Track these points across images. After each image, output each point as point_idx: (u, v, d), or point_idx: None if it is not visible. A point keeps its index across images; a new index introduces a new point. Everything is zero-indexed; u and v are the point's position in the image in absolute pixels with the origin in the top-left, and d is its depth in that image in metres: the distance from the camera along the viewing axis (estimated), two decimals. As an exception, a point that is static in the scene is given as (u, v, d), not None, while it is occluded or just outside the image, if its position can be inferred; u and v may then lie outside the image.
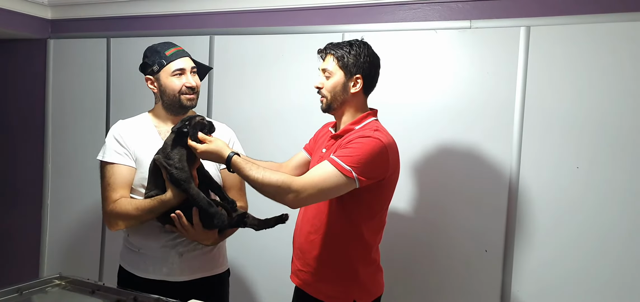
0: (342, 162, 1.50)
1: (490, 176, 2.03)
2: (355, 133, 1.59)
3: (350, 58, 1.62)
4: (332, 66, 1.65)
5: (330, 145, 1.68)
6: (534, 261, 1.98)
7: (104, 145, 1.75)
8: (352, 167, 1.49)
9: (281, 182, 1.48)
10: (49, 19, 3.00)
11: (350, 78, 1.63)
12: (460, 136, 2.07)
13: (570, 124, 1.91)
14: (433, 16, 2.15)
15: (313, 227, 1.66)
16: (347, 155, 1.51)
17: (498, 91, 2.01)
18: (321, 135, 1.83)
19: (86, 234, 2.92)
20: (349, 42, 1.66)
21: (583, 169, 1.89)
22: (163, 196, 1.61)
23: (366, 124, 1.64)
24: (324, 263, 1.65)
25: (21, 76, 3.12)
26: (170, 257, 1.72)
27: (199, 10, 2.58)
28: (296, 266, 1.73)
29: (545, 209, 1.96)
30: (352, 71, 1.63)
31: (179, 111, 1.76)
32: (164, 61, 1.73)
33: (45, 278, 1.65)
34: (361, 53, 1.63)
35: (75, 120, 2.95)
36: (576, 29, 1.90)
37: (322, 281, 1.66)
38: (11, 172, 3.19)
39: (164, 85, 1.73)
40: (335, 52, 1.65)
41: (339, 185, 1.50)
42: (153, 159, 1.64)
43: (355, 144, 1.53)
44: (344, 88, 1.64)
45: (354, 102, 1.66)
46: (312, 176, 1.51)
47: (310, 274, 1.67)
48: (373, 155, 1.52)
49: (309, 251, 1.67)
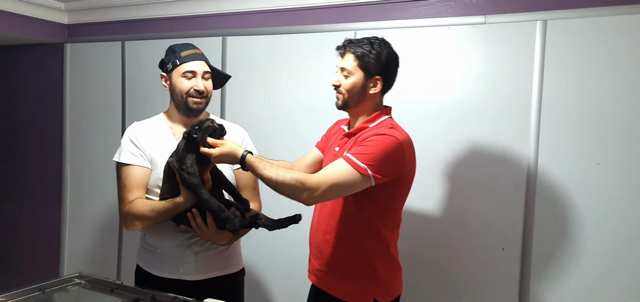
0: (357, 159, 1.49)
1: (507, 173, 2.00)
2: (369, 131, 1.58)
3: (371, 58, 1.58)
4: (351, 65, 1.60)
5: (344, 144, 1.67)
6: (553, 260, 1.95)
7: (119, 146, 1.77)
8: (367, 165, 1.48)
9: (295, 180, 1.48)
10: (66, 24, 3.05)
11: (370, 79, 1.60)
12: (476, 134, 2.05)
13: (589, 120, 1.88)
14: (446, 12, 2.13)
15: (329, 227, 1.66)
16: (362, 153, 1.50)
17: (514, 87, 1.99)
18: (333, 132, 1.82)
19: (104, 234, 2.96)
20: (369, 41, 1.60)
21: (604, 166, 1.86)
22: (177, 198, 1.63)
23: (381, 122, 1.63)
24: (343, 262, 1.64)
25: (39, 80, 3.18)
26: (185, 256, 1.73)
27: (211, 11, 2.60)
28: (314, 265, 1.73)
29: (564, 206, 1.92)
30: (372, 72, 1.59)
31: (187, 113, 1.77)
32: (178, 61, 1.74)
33: (65, 277, 1.67)
34: (382, 53, 1.59)
35: (92, 122, 2.99)
36: (595, 22, 1.87)
37: (341, 280, 1.65)
38: (31, 174, 3.25)
39: (174, 84, 1.75)
40: (355, 50, 1.60)
41: (354, 182, 1.49)
42: (167, 162, 1.66)
43: (371, 141, 1.52)
44: (363, 89, 1.61)
45: (371, 101, 1.64)
46: (326, 174, 1.51)
47: (329, 273, 1.67)
48: (388, 152, 1.51)
49: (326, 250, 1.66)
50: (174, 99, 1.77)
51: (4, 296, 1.47)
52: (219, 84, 1.90)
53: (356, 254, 1.62)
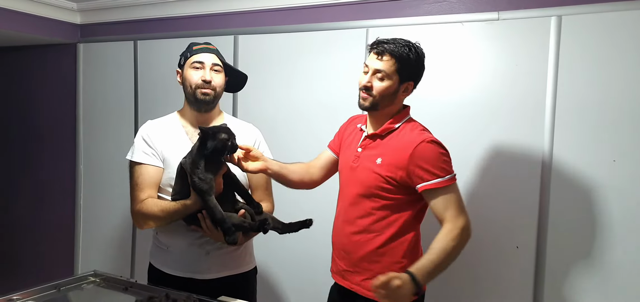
0: (445, 177, 1.52)
1: (521, 171, 1.98)
2: (401, 137, 1.59)
3: (410, 62, 1.55)
4: (389, 68, 1.55)
5: (367, 145, 1.65)
6: (568, 258, 1.92)
7: (132, 145, 1.78)
8: (450, 173, 1.53)
9: (459, 239, 1.49)
10: (78, 24, 3.08)
11: (403, 83, 1.58)
12: (489, 131, 2.03)
13: (605, 117, 1.85)
14: (459, 8, 2.11)
15: (358, 228, 1.63)
16: (436, 169, 1.52)
17: (528, 84, 1.96)
18: (349, 132, 1.79)
19: (118, 232, 2.99)
20: (407, 43, 1.56)
21: (620, 162, 1.83)
22: (185, 200, 1.63)
23: (410, 124, 1.62)
24: (374, 262, 1.61)
25: (52, 80, 3.21)
26: (197, 255, 1.74)
27: (223, 10, 2.60)
28: (340, 266, 1.70)
29: (579, 204, 1.90)
30: (407, 77, 1.57)
31: (197, 106, 1.76)
32: (189, 54, 1.77)
33: (80, 275, 1.69)
34: (420, 58, 1.57)
35: (105, 121, 3.02)
36: (610, 17, 1.84)
37: (371, 279, 1.58)
38: (45, 173, 3.28)
39: (184, 77, 1.77)
40: (395, 52, 1.54)
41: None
42: (180, 163, 1.66)
43: (427, 156, 1.52)
44: (395, 93, 1.58)
45: (398, 104, 1.63)
46: (457, 206, 1.52)
47: (358, 273, 1.64)
48: (443, 154, 1.55)
49: (355, 251, 1.64)
50: (185, 93, 1.78)
51: (20, 293, 1.49)
52: (237, 86, 1.91)
53: (389, 254, 1.61)
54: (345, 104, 2.30)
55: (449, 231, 1.50)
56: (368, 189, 1.60)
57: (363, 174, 1.62)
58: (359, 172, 1.63)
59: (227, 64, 1.83)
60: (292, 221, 1.71)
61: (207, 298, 1.50)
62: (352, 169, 1.66)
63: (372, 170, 1.59)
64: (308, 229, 1.69)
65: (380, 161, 1.59)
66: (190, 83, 1.74)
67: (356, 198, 1.63)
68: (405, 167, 1.54)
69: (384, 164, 1.58)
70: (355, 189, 1.64)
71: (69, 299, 1.57)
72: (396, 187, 1.56)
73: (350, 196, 1.65)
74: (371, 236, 1.61)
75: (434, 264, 1.46)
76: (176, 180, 1.68)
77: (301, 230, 1.71)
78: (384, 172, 1.57)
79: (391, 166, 1.56)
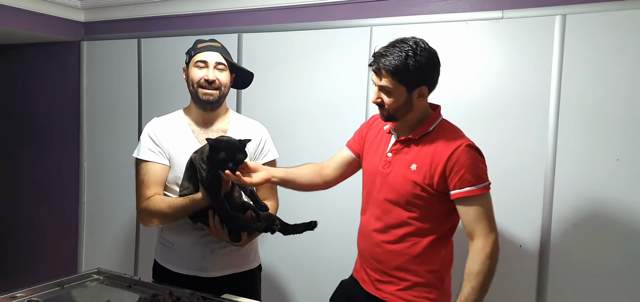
0: (479, 185, 1.46)
1: (525, 169, 1.98)
2: (436, 140, 1.52)
3: (410, 72, 1.44)
4: (391, 84, 1.46)
5: (399, 150, 1.57)
6: (572, 256, 1.92)
7: (139, 142, 1.78)
8: (485, 181, 1.48)
9: (493, 254, 1.46)
10: (82, 22, 3.08)
11: (414, 91, 1.49)
12: (493, 130, 2.03)
13: (609, 115, 1.84)
14: (463, 7, 2.10)
15: (393, 237, 1.56)
16: (473, 175, 1.46)
17: (532, 83, 1.96)
18: (374, 134, 1.69)
19: (121, 230, 2.99)
20: (403, 50, 1.44)
21: (624, 161, 1.82)
22: (195, 195, 1.63)
23: (441, 126, 1.56)
24: (411, 272, 1.55)
25: (56, 78, 3.21)
26: (202, 253, 1.74)
27: (227, 8, 2.60)
28: (371, 275, 1.62)
29: (583, 202, 1.90)
30: (415, 84, 1.47)
31: (201, 106, 1.76)
32: (193, 52, 1.76)
33: (84, 273, 1.69)
34: (421, 61, 1.44)
35: (109, 119, 3.02)
36: (615, 16, 1.83)
37: (408, 289, 1.56)
38: (49, 171, 3.29)
39: (188, 75, 1.77)
40: (389, 67, 1.44)
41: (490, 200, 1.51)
42: (190, 157, 1.66)
43: (465, 161, 1.46)
44: (408, 102, 1.50)
45: (420, 109, 1.54)
46: (488, 220, 1.47)
47: (394, 283, 1.57)
48: (481, 160, 1.51)
49: (389, 261, 1.57)
50: (189, 90, 1.78)
51: (24, 291, 1.50)
52: (244, 83, 1.90)
53: (426, 263, 1.55)
54: (349, 102, 2.30)
55: (482, 248, 1.45)
56: (402, 197, 1.52)
57: (396, 181, 1.54)
58: (391, 179, 1.55)
59: (233, 62, 1.82)
60: (297, 223, 1.71)
61: (211, 296, 1.50)
62: (383, 175, 1.58)
63: (406, 177, 1.52)
64: (312, 231, 1.69)
65: (415, 167, 1.51)
66: (193, 82, 1.74)
67: (389, 206, 1.56)
68: (441, 172, 1.47)
69: (419, 170, 1.50)
70: (387, 196, 1.56)
71: (73, 296, 1.57)
72: (432, 194, 1.50)
73: (382, 203, 1.57)
74: (407, 246, 1.54)
75: (477, 292, 1.43)
76: (185, 174, 1.68)
77: (305, 232, 1.71)
78: (420, 179, 1.50)
79: (427, 172, 1.49)
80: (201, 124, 1.79)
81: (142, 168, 1.73)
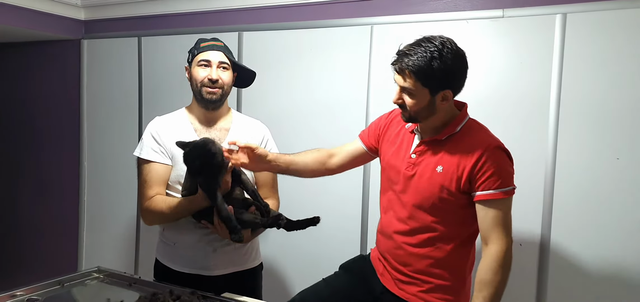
0: (503, 189, 1.42)
1: (525, 168, 1.97)
2: (464, 141, 1.47)
3: (436, 74, 1.37)
4: (413, 85, 1.40)
5: (424, 151, 1.51)
6: (572, 255, 1.92)
7: (141, 141, 1.78)
8: (511, 185, 1.44)
9: (507, 262, 1.42)
10: (82, 20, 3.08)
11: (437, 94, 1.42)
12: (493, 128, 1.99)
13: (609, 115, 1.84)
14: (464, 6, 2.10)
15: (418, 240, 1.52)
16: (499, 179, 1.41)
17: (533, 82, 1.96)
18: (395, 132, 1.62)
19: (121, 229, 2.99)
20: (428, 50, 1.37)
21: (624, 160, 1.82)
22: (193, 196, 1.64)
23: (468, 125, 1.50)
24: (436, 275, 1.52)
25: (56, 76, 3.21)
26: (203, 251, 1.74)
27: (227, 6, 2.60)
28: (394, 275, 1.58)
29: (583, 202, 1.89)
30: (439, 87, 1.40)
31: (204, 104, 1.77)
32: (196, 51, 1.77)
33: (84, 271, 1.69)
34: (447, 63, 1.37)
35: (109, 118, 3.02)
36: (616, 15, 1.83)
37: (432, 292, 1.54)
38: (49, 170, 3.29)
39: (191, 74, 1.77)
40: (413, 68, 1.37)
41: (511, 206, 1.46)
42: None
43: (493, 162, 1.41)
44: (431, 105, 1.43)
45: (444, 111, 1.47)
46: (505, 226, 1.44)
47: (417, 285, 1.54)
48: (509, 164, 1.47)
49: (414, 263, 1.53)
50: (192, 89, 1.79)
51: (24, 289, 1.50)
52: (245, 82, 1.91)
53: (452, 266, 1.53)
54: (349, 101, 2.30)
55: (496, 256, 1.41)
56: (428, 200, 1.48)
57: (422, 184, 1.49)
58: (416, 181, 1.50)
59: (235, 61, 1.82)
60: (299, 219, 1.71)
61: (211, 294, 1.50)
62: (407, 177, 1.52)
63: (432, 179, 1.47)
64: (315, 226, 1.68)
65: (441, 169, 1.46)
66: (197, 81, 1.74)
67: (413, 209, 1.51)
68: (468, 174, 1.42)
69: (446, 172, 1.45)
70: (412, 200, 1.51)
71: (73, 294, 1.58)
72: (458, 197, 1.45)
73: (406, 206, 1.53)
74: (430, 250, 1.51)
75: (490, 301, 1.41)
76: (186, 176, 1.68)
77: (308, 227, 1.71)
78: (446, 182, 1.45)
79: (454, 174, 1.44)
80: (203, 122, 1.80)
81: (145, 168, 1.73)
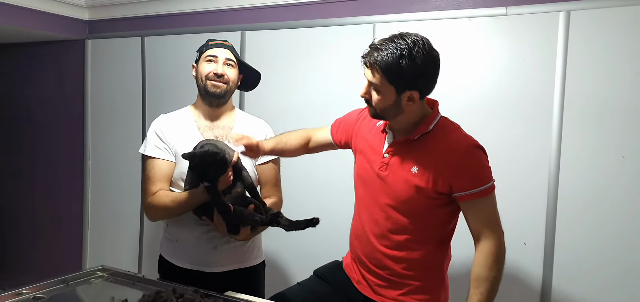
0: (485, 186, 1.40)
1: (528, 167, 1.97)
2: (437, 140, 1.44)
3: (403, 72, 1.33)
4: (379, 81, 1.37)
5: (396, 150, 1.48)
6: (576, 254, 1.91)
7: (145, 139, 1.81)
8: (491, 181, 1.42)
9: (501, 256, 1.41)
10: (87, 20, 3.09)
11: (403, 93, 1.37)
12: (496, 127, 2.02)
13: (614, 112, 1.83)
14: (467, 4, 2.10)
15: (393, 242, 1.49)
16: (479, 178, 1.40)
17: (536, 80, 1.95)
18: (367, 130, 1.59)
19: (125, 227, 3.01)
20: (399, 47, 1.32)
21: (630, 159, 1.81)
22: (195, 189, 1.66)
23: (440, 124, 1.47)
24: (413, 277, 1.51)
25: (60, 76, 3.23)
26: (204, 248, 1.76)
27: (229, 6, 2.61)
28: (370, 280, 1.55)
29: (588, 200, 1.89)
30: (405, 87, 1.36)
31: (208, 100, 1.79)
32: (204, 49, 1.81)
33: (88, 270, 1.70)
34: (415, 63, 1.32)
35: (113, 117, 3.03)
36: (619, 12, 1.82)
37: (411, 294, 1.52)
38: (53, 170, 3.30)
39: (198, 69, 1.81)
40: (381, 64, 1.34)
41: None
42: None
43: (472, 162, 1.40)
44: (396, 104, 1.39)
45: (411, 111, 1.42)
46: (495, 221, 1.43)
47: (395, 288, 1.52)
48: (486, 160, 1.44)
49: (391, 266, 1.51)
50: (198, 86, 1.81)
51: (28, 287, 1.50)
52: (251, 85, 1.94)
53: (430, 267, 1.51)
54: (351, 100, 2.28)
55: (490, 251, 1.39)
56: (403, 203, 1.45)
57: (397, 185, 1.45)
58: (390, 182, 1.47)
59: (242, 61, 1.85)
60: (299, 219, 1.71)
61: (214, 292, 1.50)
62: (380, 177, 1.49)
63: (407, 180, 1.44)
64: (314, 227, 1.68)
65: (416, 170, 1.43)
66: (202, 75, 1.78)
67: (389, 210, 1.48)
68: (446, 174, 1.40)
69: (422, 173, 1.42)
70: (386, 200, 1.48)
71: (77, 293, 1.58)
72: (434, 197, 1.43)
73: (381, 207, 1.50)
74: (408, 251, 1.48)
75: (486, 298, 1.39)
76: (188, 171, 1.70)
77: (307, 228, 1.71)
78: (423, 183, 1.42)
79: (430, 175, 1.41)
80: (207, 120, 1.82)
81: (149, 164, 1.76)
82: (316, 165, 2.30)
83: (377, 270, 1.53)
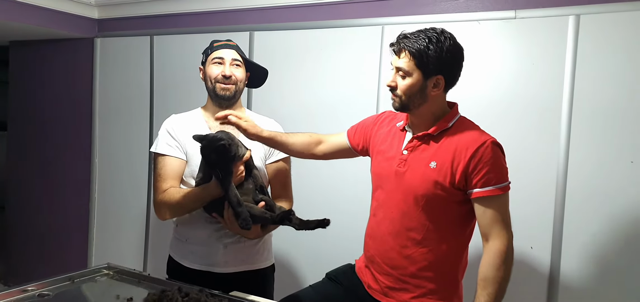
0: (500, 185, 1.40)
1: (537, 171, 1.96)
2: (457, 136, 1.45)
3: (431, 56, 1.40)
4: (408, 65, 1.42)
5: (416, 147, 1.49)
6: (584, 259, 1.90)
7: (157, 137, 1.82)
8: (507, 181, 1.42)
9: (509, 258, 1.40)
10: (96, 19, 3.11)
11: (430, 78, 1.43)
12: (505, 130, 1.99)
13: (623, 117, 1.82)
14: (476, 7, 2.09)
15: (410, 241, 1.49)
16: (495, 175, 1.40)
17: (545, 84, 1.94)
18: (386, 131, 1.62)
19: (131, 226, 3.02)
20: (426, 35, 1.41)
21: (638, 163, 1.80)
22: (207, 184, 1.65)
23: (460, 122, 1.50)
24: (428, 279, 1.49)
25: (69, 74, 3.25)
26: (214, 247, 1.75)
27: (238, 6, 2.61)
28: (382, 282, 1.54)
29: (596, 205, 1.87)
30: (432, 71, 1.41)
31: (218, 101, 1.79)
32: (209, 51, 1.81)
33: (94, 268, 1.70)
34: (443, 49, 1.40)
35: (121, 115, 3.05)
36: (629, 17, 1.80)
37: (424, 297, 1.50)
38: (60, 167, 3.32)
39: (206, 72, 1.81)
40: (410, 47, 1.41)
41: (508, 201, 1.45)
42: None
43: (489, 159, 1.40)
44: (422, 90, 1.44)
45: (435, 102, 1.47)
46: (505, 221, 1.42)
47: (409, 291, 1.51)
48: (504, 159, 1.45)
49: (405, 267, 1.50)
50: (207, 88, 1.81)
51: (34, 284, 1.51)
52: (258, 82, 1.93)
53: (445, 269, 1.50)
54: (360, 101, 2.29)
55: (498, 252, 1.39)
56: (421, 198, 1.45)
57: (414, 181, 1.46)
58: (408, 178, 1.47)
59: (248, 59, 1.85)
60: (310, 219, 1.70)
61: (219, 292, 1.50)
62: (399, 174, 1.49)
63: (425, 175, 1.44)
64: (324, 229, 1.68)
65: (434, 165, 1.44)
66: (211, 78, 1.78)
67: (406, 207, 1.48)
68: (463, 169, 1.40)
69: (440, 167, 1.43)
70: (404, 197, 1.48)
71: (83, 291, 1.58)
72: (452, 193, 1.43)
73: (398, 205, 1.49)
74: (424, 251, 1.47)
75: (494, 299, 1.39)
76: (200, 167, 1.70)
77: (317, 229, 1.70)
78: (440, 177, 1.42)
79: (448, 169, 1.42)
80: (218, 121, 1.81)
81: (160, 162, 1.76)
82: (328, 165, 2.29)
83: (390, 270, 1.52)
